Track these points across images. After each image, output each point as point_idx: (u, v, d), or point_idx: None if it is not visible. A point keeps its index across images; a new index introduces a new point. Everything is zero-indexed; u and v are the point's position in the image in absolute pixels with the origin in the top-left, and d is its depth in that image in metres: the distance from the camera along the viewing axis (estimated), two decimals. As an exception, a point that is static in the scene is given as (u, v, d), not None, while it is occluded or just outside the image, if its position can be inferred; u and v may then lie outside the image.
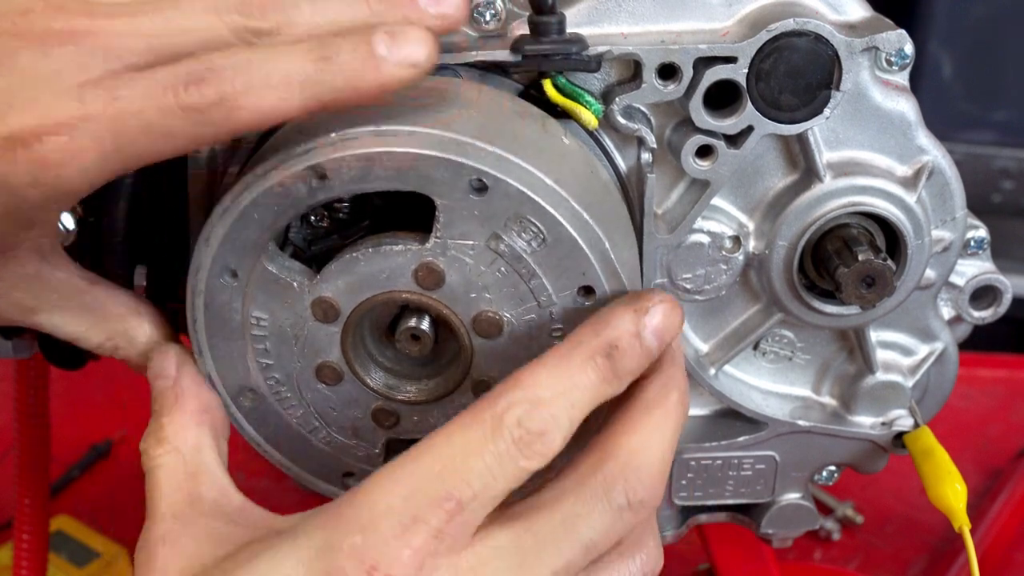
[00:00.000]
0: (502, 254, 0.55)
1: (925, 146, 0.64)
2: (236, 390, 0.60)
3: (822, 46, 0.60)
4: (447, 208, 0.54)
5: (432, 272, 0.55)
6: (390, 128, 0.53)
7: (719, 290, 0.66)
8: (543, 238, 0.55)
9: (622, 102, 0.61)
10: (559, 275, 0.55)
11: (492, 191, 0.53)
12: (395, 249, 0.55)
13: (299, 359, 0.59)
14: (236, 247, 0.55)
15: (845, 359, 0.70)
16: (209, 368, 0.59)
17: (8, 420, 0.85)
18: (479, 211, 0.54)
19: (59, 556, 1.01)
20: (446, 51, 0.60)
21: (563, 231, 0.54)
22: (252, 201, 0.54)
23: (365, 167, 0.53)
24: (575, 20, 0.61)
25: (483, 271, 0.55)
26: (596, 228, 0.55)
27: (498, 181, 0.53)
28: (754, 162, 0.64)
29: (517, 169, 0.54)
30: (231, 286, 0.57)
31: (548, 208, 0.54)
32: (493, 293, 0.56)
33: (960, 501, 0.66)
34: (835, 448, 0.71)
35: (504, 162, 0.53)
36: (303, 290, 0.56)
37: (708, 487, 0.71)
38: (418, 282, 0.56)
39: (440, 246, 0.55)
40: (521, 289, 0.56)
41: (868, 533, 1.10)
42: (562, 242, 0.55)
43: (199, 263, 0.56)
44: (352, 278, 0.56)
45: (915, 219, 0.64)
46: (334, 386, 0.59)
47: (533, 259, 0.55)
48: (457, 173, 0.53)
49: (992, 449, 1.19)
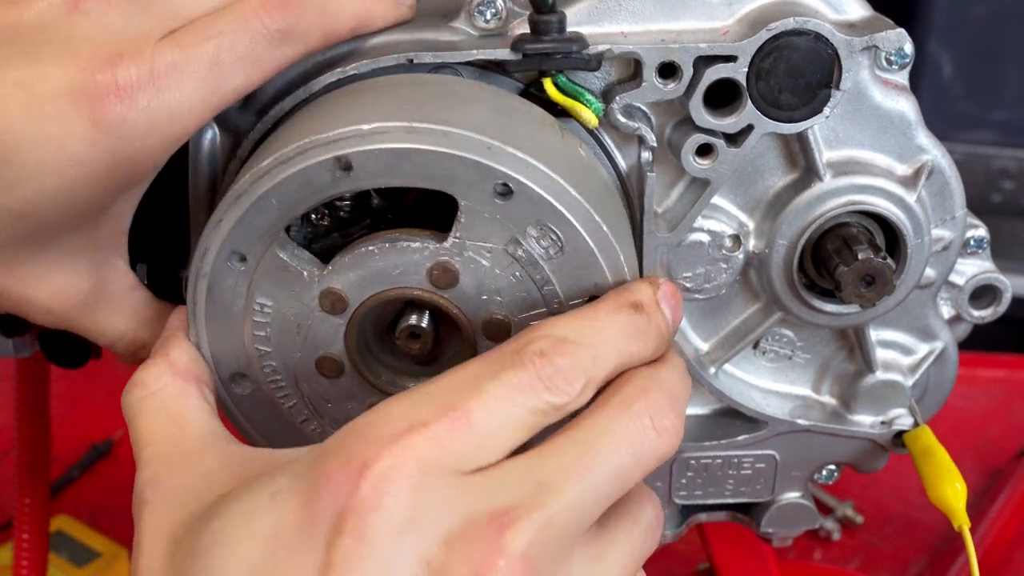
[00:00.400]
0: (519, 259, 0.55)
1: (925, 145, 0.64)
2: (229, 376, 0.59)
3: (822, 45, 0.60)
4: (469, 209, 0.54)
5: (447, 271, 0.55)
6: (424, 126, 0.53)
7: (719, 289, 0.66)
8: (561, 246, 0.55)
9: (622, 101, 0.61)
10: (572, 283, 0.55)
11: (516, 196, 0.53)
12: (412, 246, 0.55)
13: (300, 349, 0.58)
14: (249, 232, 0.55)
15: (845, 358, 0.70)
16: (205, 352, 0.59)
17: (8, 420, 0.85)
18: (501, 215, 0.54)
19: (59, 556, 1.01)
20: (446, 50, 0.60)
21: (582, 241, 0.54)
22: (273, 187, 0.54)
23: (393, 162, 0.53)
24: (575, 19, 0.61)
25: (498, 274, 0.55)
26: (613, 241, 0.55)
27: (523, 186, 0.53)
28: (754, 161, 0.64)
29: (543, 176, 0.54)
30: (238, 270, 0.56)
31: (570, 218, 0.54)
32: (504, 296, 0.56)
33: (960, 500, 0.66)
34: (835, 447, 0.71)
35: (531, 168, 0.53)
36: (312, 280, 0.56)
37: (708, 486, 0.71)
38: (432, 280, 0.56)
39: (458, 246, 0.55)
40: (533, 294, 0.56)
41: (868, 533, 1.10)
42: (579, 252, 0.55)
43: (207, 245, 0.56)
44: (364, 271, 0.56)
45: (915, 218, 0.64)
46: (334, 379, 0.59)
47: (549, 266, 0.55)
48: (485, 176, 0.53)
49: (992, 449, 1.19)
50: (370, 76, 0.60)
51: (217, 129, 0.62)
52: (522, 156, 0.53)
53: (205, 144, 0.62)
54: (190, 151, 0.62)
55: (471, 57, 0.60)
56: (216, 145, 0.63)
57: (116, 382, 1.16)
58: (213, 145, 0.62)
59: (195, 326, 0.58)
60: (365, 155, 0.53)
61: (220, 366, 0.59)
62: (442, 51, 0.60)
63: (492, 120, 0.55)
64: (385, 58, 0.60)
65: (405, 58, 0.60)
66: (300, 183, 0.53)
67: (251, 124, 0.62)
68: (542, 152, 0.55)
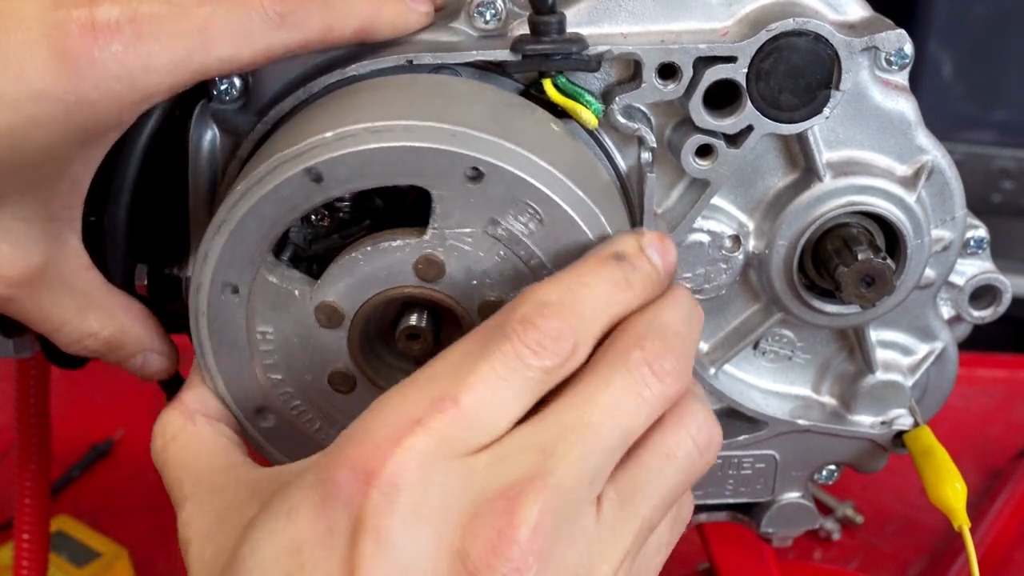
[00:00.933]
0: (500, 238, 0.55)
1: (925, 146, 0.64)
2: (253, 412, 0.59)
3: (822, 46, 0.60)
4: (443, 198, 0.54)
5: (432, 263, 0.55)
6: (384, 124, 0.53)
7: (719, 289, 0.66)
8: (540, 219, 0.54)
9: (622, 102, 0.61)
10: (558, 254, 0.55)
11: (488, 178, 0.53)
12: (394, 245, 0.55)
13: (309, 370, 0.58)
14: (236, 260, 0.55)
15: (845, 358, 0.70)
16: (222, 391, 0.58)
17: (8, 420, 0.85)
18: (475, 199, 0.54)
19: (59, 556, 1.01)
20: (446, 51, 0.60)
21: (560, 211, 0.54)
22: (249, 211, 0.54)
23: (360, 165, 0.53)
24: (575, 20, 0.61)
25: (482, 257, 0.55)
26: (594, 207, 0.55)
27: (493, 168, 0.53)
28: (754, 162, 0.64)
29: (511, 154, 0.53)
30: (233, 302, 0.56)
31: (544, 189, 0.54)
32: (494, 278, 0.56)
33: (960, 501, 0.66)
34: (835, 447, 0.71)
35: (498, 148, 0.53)
36: (304, 297, 0.56)
37: (708, 486, 0.71)
38: (419, 275, 0.56)
39: (438, 236, 0.55)
40: (522, 271, 0.56)
41: (868, 533, 1.10)
42: (559, 221, 0.54)
43: (199, 282, 0.56)
44: (353, 279, 0.56)
45: (915, 219, 0.64)
46: (349, 393, 0.59)
47: (532, 240, 0.55)
48: (453, 163, 0.53)
49: (992, 449, 1.19)
50: (369, 77, 0.60)
51: (217, 129, 0.62)
52: (488, 138, 0.53)
53: (205, 144, 0.62)
54: (190, 151, 0.62)
55: (471, 58, 0.60)
56: (216, 145, 0.63)
57: (116, 382, 1.16)
58: (213, 145, 0.62)
59: (206, 367, 0.58)
60: (332, 163, 0.53)
61: (241, 403, 0.59)
62: (442, 52, 0.60)
63: (457, 108, 0.55)
64: (385, 59, 0.60)
65: (405, 59, 0.60)
66: (275, 202, 0.53)
67: (251, 125, 0.62)
68: (509, 131, 0.54)
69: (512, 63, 0.60)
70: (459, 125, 0.53)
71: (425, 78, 0.60)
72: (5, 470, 0.90)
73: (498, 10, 0.61)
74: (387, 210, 0.59)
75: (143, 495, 1.09)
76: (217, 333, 0.57)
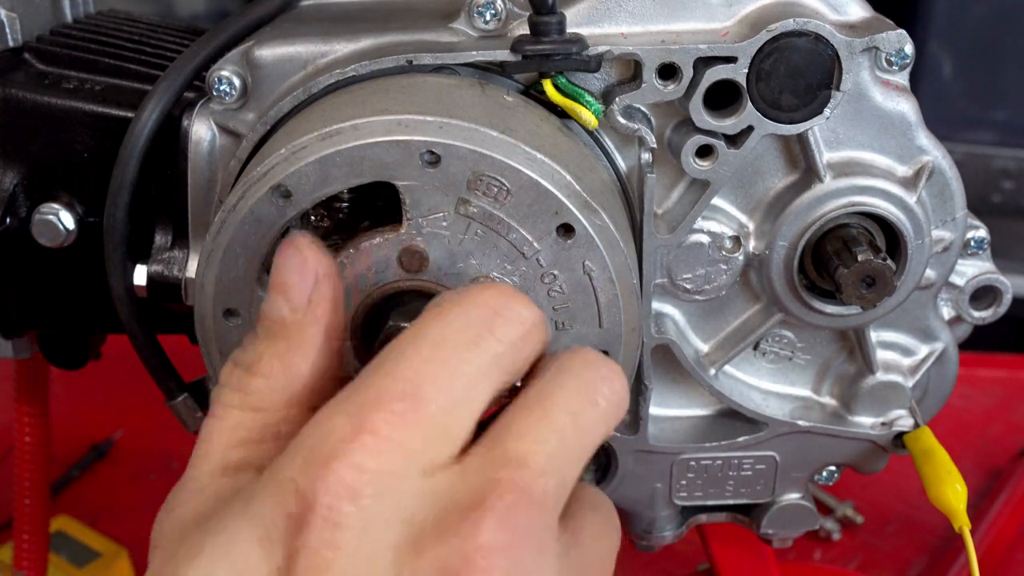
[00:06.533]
0: (474, 216, 0.55)
1: (925, 146, 0.64)
2: None
3: (822, 46, 0.60)
4: (410, 188, 0.54)
5: (414, 254, 0.56)
6: (333, 128, 0.54)
7: (719, 290, 0.66)
8: (507, 189, 0.54)
9: (622, 102, 0.61)
10: (534, 221, 0.55)
11: (445, 160, 0.53)
12: (374, 243, 0.55)
13: None
14: (231, 286, 0.56)
15: (845, 359, 0.70)
16: None
17: (8, 420, 0.85)
18: (439, 182, 0.54)
19: (59, 556, 1.01)
20: (446, 51, 0.60)
21: (523, 176, 0.54)
22: (232, 238, 0.55)
23: (321, 173, 0.53)
24: (575, 20, 0.61)
25: (462, 238, 0.55)
26: (554, 164, 0.55)
27: (447, 147, 0.53)
28: (754, 162, 0.64)
29: (461, 130, 0.54)
30: (236, 326, 0.57)
31: (500, 158, 0.54)
32: (478, 257, 0.56)
33: (960, 501, 0.66)
34: (835, 448, 0.71)
35: (447, 127, 0.54)
36: None
37: (708, 487, 0.71)
38: (404, 268, 0.56)
39: (415, 226, 0.55)
40: (503, 246, 0.56)
41: (868, 533, 1.10)
42: (525, 187, 0.54)
43: (202, 312, 0.57)
44: (344, 284, 0.56)
45: (915, 219, 0.64)
46: None
47: (504, 212, 0.55)
48: (407, 151, 0.53)
49: (992, 449, 1.19)
50: (369, 77, 0.60)
51: (217, 130, 0.62)
52: (434, 119, 0.54)
53: (205, 144, 0.62)
54: (190, 151, 0.62)
55: (470, 58, 0.60)
56: (216, 145, 0.63)
57: (116, 382, 1.16)
58: (213, 145, 0.63)
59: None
60: (294, 176, 0.53)
61: None
62: (441, 52, 0.60)
63: (403, 98, 0.56)
64: (385, 60, 0.60)
65: (404, 59, 0.60)
66: (252, 223, 0.54)
67: (250, 125, 0.62)
68: (457, 109, 0.54)
69: (512, 63, 0.60)
70: (404, 113, 0.54)
71: (412, 78, 0.60)
72: (5, 470, 0.90)
73: (498, 10, 0.61)
74: (388, 209, 0.59)
75: (143, 495, 1.09)
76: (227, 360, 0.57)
